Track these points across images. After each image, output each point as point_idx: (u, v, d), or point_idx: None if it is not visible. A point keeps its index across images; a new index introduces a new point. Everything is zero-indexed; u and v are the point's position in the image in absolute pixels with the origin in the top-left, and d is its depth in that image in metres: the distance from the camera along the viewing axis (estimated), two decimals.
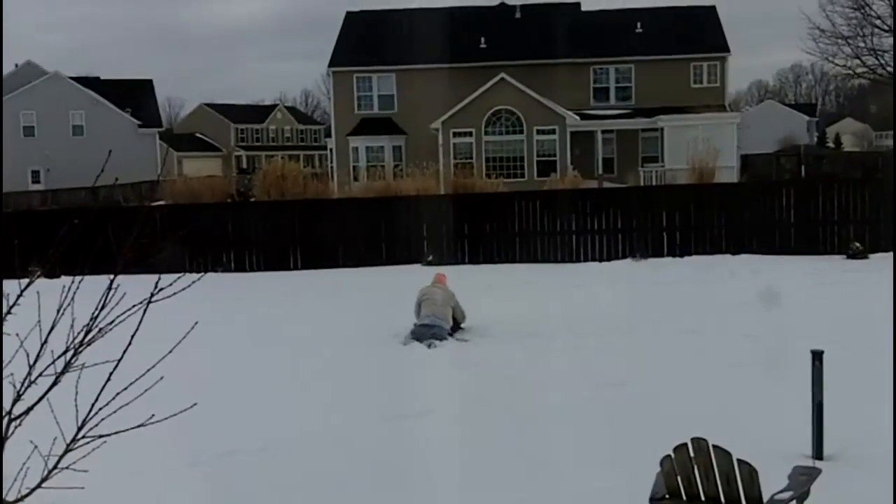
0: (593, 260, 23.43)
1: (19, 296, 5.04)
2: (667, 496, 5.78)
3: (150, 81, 76.07)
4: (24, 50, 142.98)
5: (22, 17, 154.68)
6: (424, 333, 13.55)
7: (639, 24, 48.26)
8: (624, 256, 23.34)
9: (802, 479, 5.88)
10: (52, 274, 5.69)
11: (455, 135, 43.31)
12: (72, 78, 68.82)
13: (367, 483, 7.82)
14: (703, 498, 5.65)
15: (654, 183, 40.49)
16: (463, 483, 7.76)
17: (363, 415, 9.96)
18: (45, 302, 4.95)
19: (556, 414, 9.67)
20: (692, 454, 5.67)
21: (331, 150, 50.37)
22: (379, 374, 12.00)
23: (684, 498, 5.73)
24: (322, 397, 10.93)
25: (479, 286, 19.42)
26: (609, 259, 23.32)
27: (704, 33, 47.68)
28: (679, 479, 5.74)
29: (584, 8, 51.31)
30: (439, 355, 12.80)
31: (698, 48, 47.09)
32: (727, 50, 47.28)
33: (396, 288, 18.48)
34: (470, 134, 43.23)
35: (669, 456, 5.77)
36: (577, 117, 43.73)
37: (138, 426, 5.18)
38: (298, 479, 7.99)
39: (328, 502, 7.49)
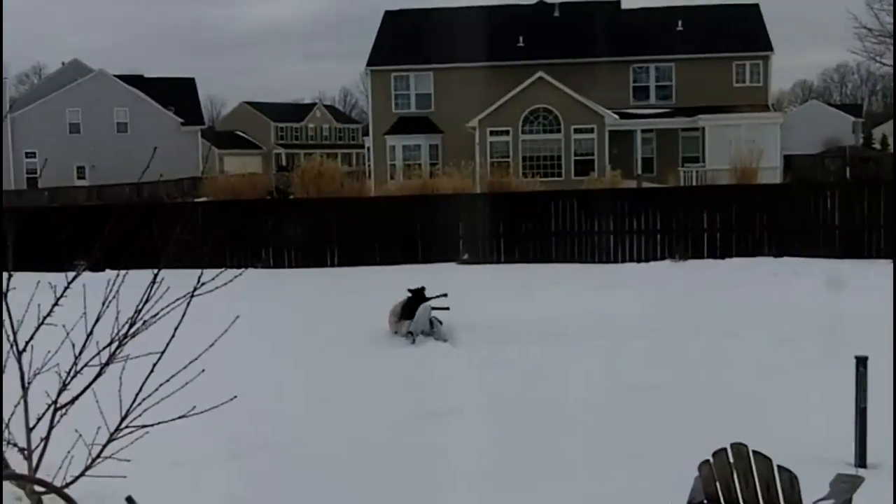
0: (631, 261, 23.31)
1: (66, 288, 5.18)
2: (705, 501, 5.75)
3: (192, 80, 76.62)
4: (71, 49, 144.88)
5: (68, 18, 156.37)
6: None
7: (680, 23, 47.89)
8: (663, 257, 23.18)
9: (844, 487, 5.75)
10: (97, 268, 5.84)
11: (492, 133, 43.27)
12: (116, 76, 69.45)
13: (399, 480, 7.89)
14: (741, 503, 5.61)
15: (694, 183, 40.14)
16: (494, 483, 7.80)
17: (395, 413, 10.03)
18: (91, 295, 5.08)
19: (590, 417, 9.66)
20: (731, 459, 5.61)
21: (368, 148, 50.48)
22: (409, 373, 12.06)
23: (722, 503, 5.69)
24: (355, 394, 11.03)
25: (513, 286, 19.47)
26: (647, 260, 23.18)
27: (747, 32, 47.21)
28: (718, 484, 5.69)
29: (623, 6, 51.03)
30: (470, 355, 12.84)
31: (741, 47, 46.64)
32: (770, 49, 46.81)
33: (430, 287, 18.54)
34: (507, 133, 43.16)
35: (708, 461, 5.73)
36: (616, 116, 43.52)
37: (179, 417, 5.29)
38: (332, 473, 8.08)
39: (360, 497, 7.57)
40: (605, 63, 45.75)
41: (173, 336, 5.63)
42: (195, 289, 5.26)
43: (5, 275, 5.15)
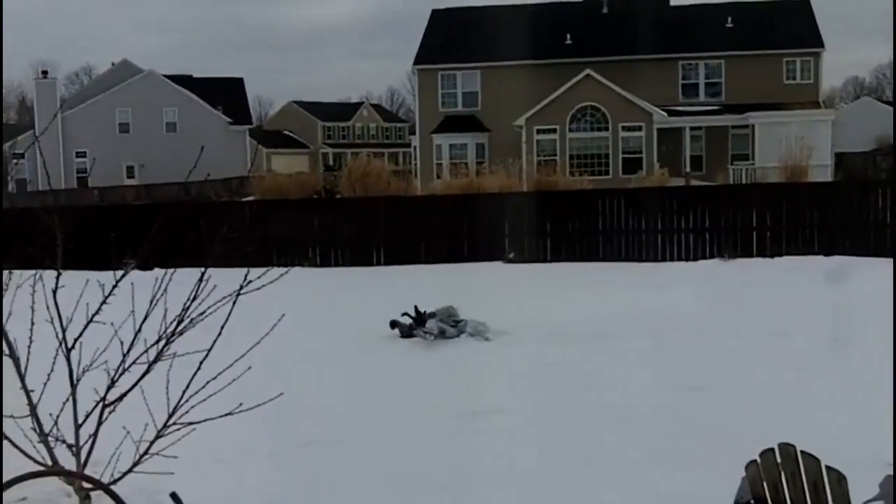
0: (679, 259, 23.14)
1: (114, 287, 5.23)
2: (752, 502, 5.69)
3: (240, 80, 77.20)
4: (120, 50, 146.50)
5: (118, 19, 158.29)
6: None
7: (729, 19, 47.42)
8: (711, 256, 22.99)
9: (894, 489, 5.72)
10: (145, 266, 5.90)
11: (539, 132, 43.16)
12: (165, 76, 70.18)
13: (443, 479, 7.89)
14: None
15: (743, 181, 39.74)
16: (536, 483, 7.78)
17: (437, 412, 10.02)
18: (139, 293, 5.13)
19: (636, 416, 9.61)
20: (779, 459, 5.56)
21: (415, 147, 50.57)
22: (453, 372, 12.06)
23: None
24: (397, 393, 11.05)
25: (559, 285, 19.39)
26: (696, 259, 23.00)
27: (798, 28, 46.65)
28: (765, 485, 5.64)
29: (672, 2, 50.70)
30: (515, 354, 12.80)
31: (791, 43, 46.12)
32: (821, 45, 46.25)
33: (475, 285, 18.55)
34: (554, 131, 43.05)
35: (755, 461, 5.67)
36: (665, 114, 43.24)
37: (226, 414, 5.33)
38: (375, 472, 8.09)
39: (403, 496, 7.58)
40: (653, 60, 45.46)
41: (220, 334, 5.67)
42: (241, 287, 5.29)
43: (53, 273, 5.21)
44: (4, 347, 5.31)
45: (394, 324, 14.23)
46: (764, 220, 23.26)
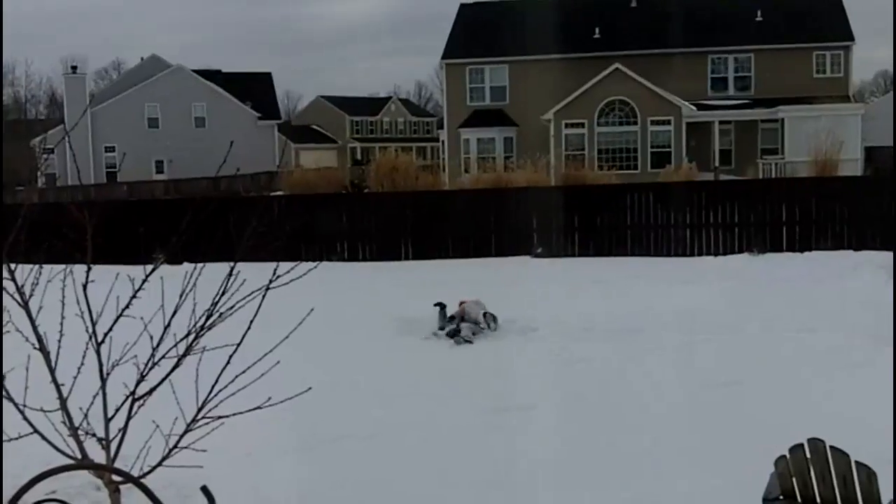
0: (708, 254, 23.03)
1: (143, 281, 5.25)
2: (781, 497, 5.66)
3: (269, 75, 77.36)
4: (150, 45, 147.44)
5: (148, 16, 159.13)
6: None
7: (759, 12, 47.06)
8: (740, 251, 22.87)
9: None
10: (175, 261, 5.92)
11: (567, 126, 43.02)
12: (194, 71, 70.43)
13: (472, 474, 7.88)
14: (818, 500, 5.51)
15: (773, 175, 39.48)
16: (569, 479, 7.76)
17: (466, 407, 10.02)
18: (169, 287, 5.15)
19: (665, 412, 9.58)
20: (808, 455, 5.53)
21: (442, 141, 50.53)
22: (482, 367, 12.06)
23: (799, 500, 5.60)
24: (425, 388, 11.06)
25: (587, 280, 19.31)
26: (725, 254, 22.88)
27: (827, 21, 46.22)
28: (794, 480, 5.61)
29: None
30: (544, 350, 12.77)
31: (821, 37, 45.70)
32: (851, 39, 45.81)
33: (503, 280, 18.54)
34: (582, 125, 42.89)
35: (784, 456, 5.65)
36: (694, 108, 42.99)
37: (255, 409, 5.34)
38: (405, 466, 8.10)
39: (432, 491, 7.58)
40: (682, 54, 45.18)
41: (249, 328, 5.68)
42: (270, 281, 5.30)
43: (83, 267, 5.24)
44: (34, 341, 5.35)
45: (440, 305, 14.29)
46: (794, 214, 23.11)
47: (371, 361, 12.52)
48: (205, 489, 3.19)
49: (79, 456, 5.26)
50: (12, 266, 5.35)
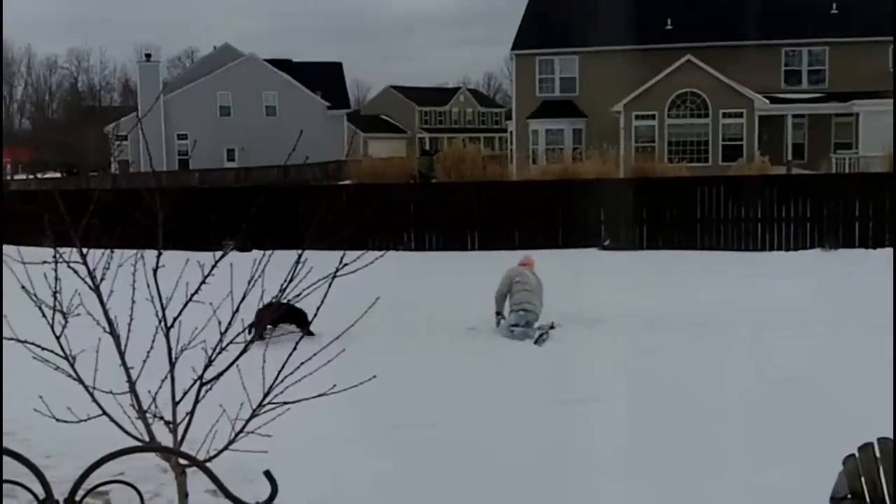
0: (779, 249, 22.70)
1: (213, 267, 5.30)
2: (849, 496, 5.57)
3: (339, 64, 77.82)
4: (222, 34, 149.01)
5: (221, 4, 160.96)
6: (521, 322, 13.21)
7: (834, 5, 46.21)
8: (812, 246, 22.52)
9: None
10: (244, 248, 5.99)
11: (637, 118, 42.67)
12: (266, 60, 71.06)
13: (533, 464, 7.87)
14: (887, 501, 5.42)
15: (846, 170, 38.80)
16: (632, 473, 7.71)
17: (532, 398, 10.00)
18: (237, 274, 5.19)
19: (731, 407, 9.47)
20: (878, 454, 5.44)
21: (511, 132, 50.45)
22: (547, 358, 12.02)
23: (867, 500, 5.51)
24: (489, 378, 11.07)
25: (656, 273, 19.17)
26: (796, 249, 22.54)
27: None
28: (863, 479, 5.53)
29: None
30: (611, 343, 12.69)
31: None
32: None
33: (570, 272, 18.46)
34: (653, 117, 42.50)
35: (853, 455, 5.56)
36: (767, 101, 42.36)
37: (319, 395, 5.37)
38: (466, 455, 8.11)
39: (494, 479, 7.58)
40: (755, 46, 44.51)
41: (315, 315, 5.72)
42: (337, 269, 5.32)
43: (153, 252, 5.30)
44: (104, 324, 5.43)
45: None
46: (867, 210, 22.69)
47: (434, 350, 12.54)
48: (268, 474, 3.22)
49: (146, 439, 5.34)
50: (84, 250, 5.43)
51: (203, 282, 5.27)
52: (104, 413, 5.36)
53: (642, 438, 8.52)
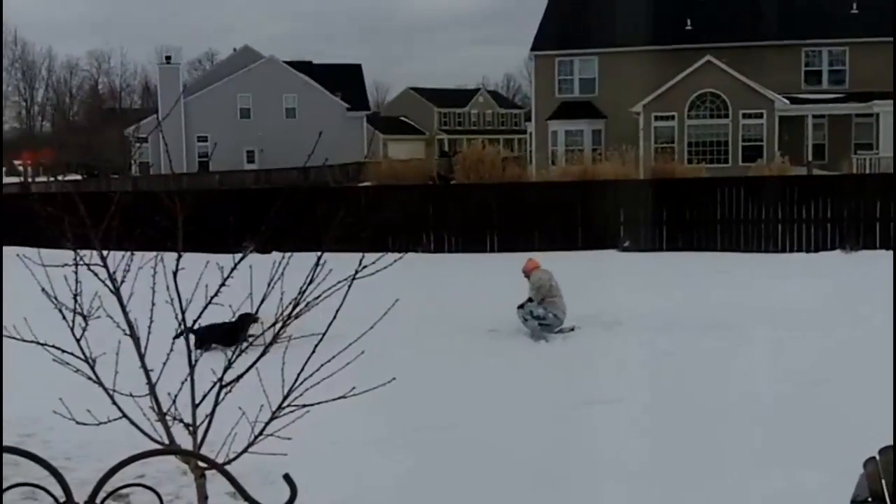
0: (800, 250, 22.59)
1: (233, 269, 5.31)
2: (869, 499, 5.52)
3: (358, 66, 77.95)
4: (242, 36, 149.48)
5: (240, 7, 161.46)
6: (548, 320, 13.38)
7: (854, 5, 45.93)
8: (833, 247, 22.39)
9: None
10: (263, 249, 5.98)
11: (657, 118, 42.52)
12: (285, 62, 71.24)
13: (552, 465, 7.84)
14: None
15: (867, 171, 38.56)
16: (653, 474, 7.68)
17: (551, 400, 9.98)
18: (257, 276, 5.20)
19: (752, 409, 9.43)
20: None
21: (530, 133, 50.37)
22: (566, 360, 11.99)
23: (888, 502, 5.46)
24: (508, 380, 11.05)
25: (676, 274, 19.10)
26: (817, 250, 22.41)
27: None
28: (884, 482, 5.47)
29: None
30: (631, 344, 12.65)
31: None
32: None
33: (589, 273, 18.40)
34: (672, 118, 42.34)
35: (874, 458, 5.50)
36: (787, 101, 42.14)
37: (339, 398, 5.37)
38: (485, 458, 8.10)
39: (513, 480, 7.56)
40: (775, 46, 44.31)
41: (334, 317, 5.72)
42: (357, 272, 5.32)
43: (173, 255, 5.31)
44: (124, 327, 5.44)
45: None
46: (888, 211, 22.53)
47: (453, 352, 12.53)
48: (287, 477, 3.21)
49: (166, 441, 5.35)
50: (104, 253, 5.45)
51: (223, 284, 5.28)
52: (124, 415, 5.38)
53: (663, 439, 8.49)
